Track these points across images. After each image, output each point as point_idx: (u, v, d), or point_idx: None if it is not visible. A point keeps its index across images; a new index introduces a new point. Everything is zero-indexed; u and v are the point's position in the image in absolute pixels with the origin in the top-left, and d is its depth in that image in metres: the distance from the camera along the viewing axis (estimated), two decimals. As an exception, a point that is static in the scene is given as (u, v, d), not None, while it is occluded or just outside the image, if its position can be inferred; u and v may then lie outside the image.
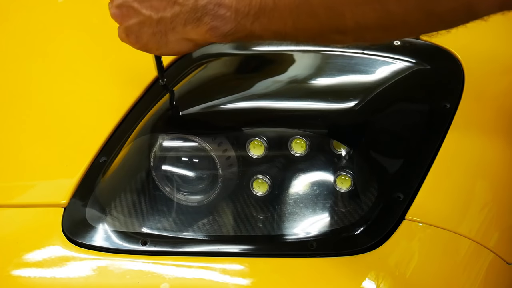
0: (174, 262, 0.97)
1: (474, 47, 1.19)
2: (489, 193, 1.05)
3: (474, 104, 1.10)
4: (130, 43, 0.99)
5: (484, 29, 1.03)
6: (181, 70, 1.19)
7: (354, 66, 1.13)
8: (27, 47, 1.33)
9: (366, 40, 0.88)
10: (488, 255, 1.00)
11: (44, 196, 1.05)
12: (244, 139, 1.04)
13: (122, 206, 1.05)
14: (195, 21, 0.92)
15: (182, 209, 1.05)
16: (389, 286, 0.92)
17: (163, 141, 1.05)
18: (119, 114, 1.14)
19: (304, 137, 1.02)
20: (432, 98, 1.11)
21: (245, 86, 1.12)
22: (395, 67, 1.12)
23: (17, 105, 1.21)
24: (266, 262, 0.96)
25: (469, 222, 1.00)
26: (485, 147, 1.08)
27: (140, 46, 0.98)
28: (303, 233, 0.99)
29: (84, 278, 0.97)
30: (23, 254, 1.01)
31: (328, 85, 1.11)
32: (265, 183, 1.03)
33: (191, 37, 0.94)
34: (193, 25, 0.92)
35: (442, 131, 1.06)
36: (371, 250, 0.95)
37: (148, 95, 1.17)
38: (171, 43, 0.96)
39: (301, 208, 1.02)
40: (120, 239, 1.01)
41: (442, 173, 1.02)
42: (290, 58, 1.17)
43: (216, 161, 1.03)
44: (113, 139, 1.11)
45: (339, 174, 1.01)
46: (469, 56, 1.15)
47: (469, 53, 1.16)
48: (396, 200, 0.99)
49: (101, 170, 1.08)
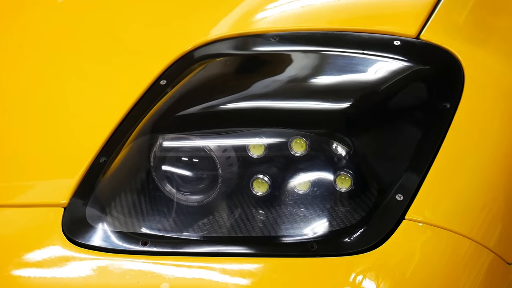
0: (174, 262, 0.97)
1: (474, 47, 1.19)
2: (489, 193, 1.05)
3: (474, 104, 1.10)
4: None
5: (484, 29, 1.04)
6: (181, 70, 1.19)
7: (354, 66, 1.13)
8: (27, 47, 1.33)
9: None
10: (488, 255, 1.00)
11: (44, 196, 1.05)
12: (244, 139, 1.04)
13: (122, 206, 1.05)
14: None
15: (182, 209, 1.05)
16: (389, 286, 0.92)
17: (163, 141, 1.05)
18: (119, 114, 1.14)
19: (304, 137, 1.02)
20: (432, 98, 1.11)
21: (245, 86, 1.12)
22: (395, 67, 1.12)
23: (18, 105, 1.21)
24: (266, 262, 0.96)
25: (469, 222, 1.00)
26: (485, 147, 1.08)
27: None
28: (304, 234, 0.99)
29: (84, 278, 0.97)
30: (23, 254, 1.01)
31: (328, 85, 1.11)
32: (265, 183, 1.03)
33: None
34: None
35: (442, 131, 1.06)
36: (371, 250, 0.95)
37: (148, 95, 1.17)
38: None
39: (301, 208, 1.02)
40: (120, 239, 1.01)
41: (442, 173, 1.02)
42: (290, 58, 1.17)
43: (216, 161, 1.03)
44: (113, 139, 1.11)
45: (339, 174, 1.01)
46: (469, 56, 1.15)
47: (469, 53, 1.16)
48: (396, 200, 0.99)
49: (101, 170, 1.08)
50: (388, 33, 1.19)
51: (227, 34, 1.25)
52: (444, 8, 1.25)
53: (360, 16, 1.28)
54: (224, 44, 1.23)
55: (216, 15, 1.30)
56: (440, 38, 1.18)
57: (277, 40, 1.21)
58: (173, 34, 1.29)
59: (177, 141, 1.07)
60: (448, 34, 1.21)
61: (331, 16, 1.30)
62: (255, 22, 1.29)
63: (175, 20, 1.35)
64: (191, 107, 1.10)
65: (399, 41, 1.17)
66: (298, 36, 1.22)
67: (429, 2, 1.25)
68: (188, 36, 1.26)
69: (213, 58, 1.21)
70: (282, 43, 1.20)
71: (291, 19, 1.29)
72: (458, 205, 1.01)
